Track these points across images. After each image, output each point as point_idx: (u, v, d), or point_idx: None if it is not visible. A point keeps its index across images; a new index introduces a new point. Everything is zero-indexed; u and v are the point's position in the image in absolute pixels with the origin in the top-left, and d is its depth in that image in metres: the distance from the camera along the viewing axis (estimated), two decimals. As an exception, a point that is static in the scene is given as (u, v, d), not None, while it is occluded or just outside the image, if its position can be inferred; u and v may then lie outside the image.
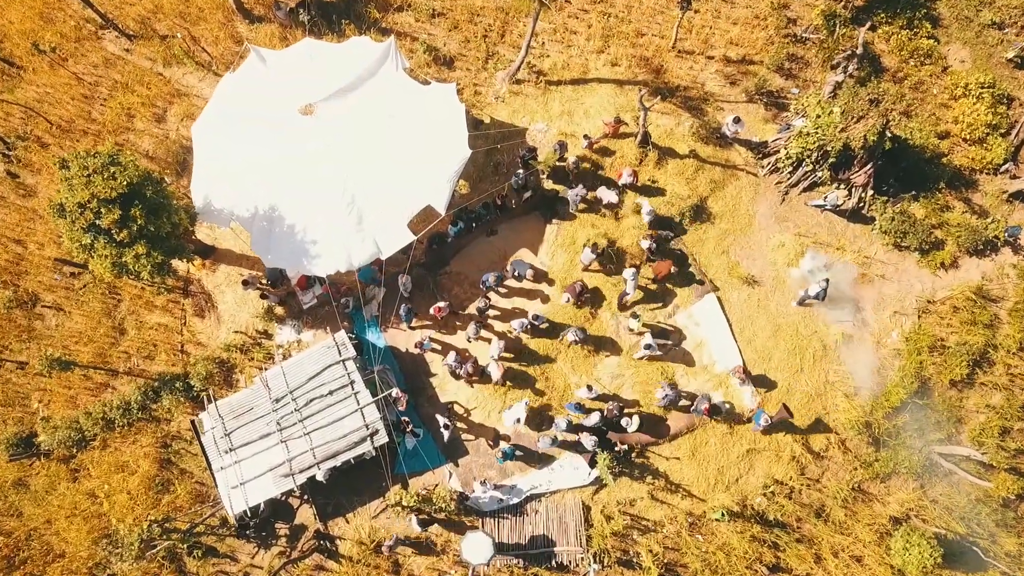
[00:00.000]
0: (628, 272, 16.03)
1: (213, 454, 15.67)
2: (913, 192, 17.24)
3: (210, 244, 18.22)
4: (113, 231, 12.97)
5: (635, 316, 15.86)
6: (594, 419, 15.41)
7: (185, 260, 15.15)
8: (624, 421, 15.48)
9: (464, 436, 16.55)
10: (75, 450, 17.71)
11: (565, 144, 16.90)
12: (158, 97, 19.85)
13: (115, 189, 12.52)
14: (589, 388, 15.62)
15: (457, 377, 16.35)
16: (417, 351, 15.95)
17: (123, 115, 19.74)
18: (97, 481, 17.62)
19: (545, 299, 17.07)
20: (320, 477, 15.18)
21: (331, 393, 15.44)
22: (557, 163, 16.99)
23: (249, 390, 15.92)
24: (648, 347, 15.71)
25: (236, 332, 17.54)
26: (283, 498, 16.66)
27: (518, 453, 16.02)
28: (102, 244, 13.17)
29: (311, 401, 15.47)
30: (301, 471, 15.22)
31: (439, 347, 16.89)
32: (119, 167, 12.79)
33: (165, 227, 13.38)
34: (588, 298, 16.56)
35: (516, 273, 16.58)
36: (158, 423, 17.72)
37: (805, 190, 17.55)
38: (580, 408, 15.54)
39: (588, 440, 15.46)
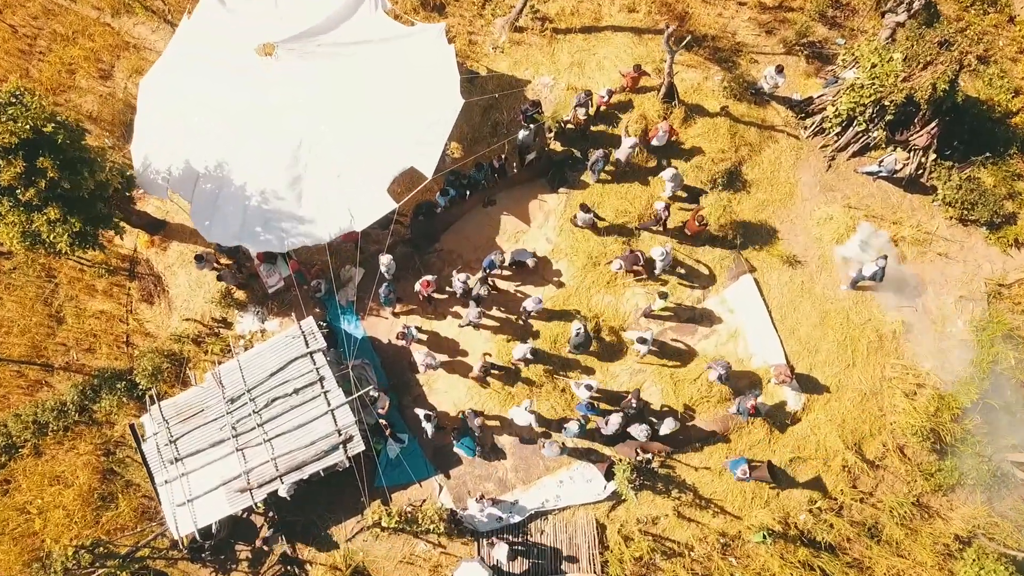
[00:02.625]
0: (657, 251, 13.43)
1: (156, 465, 13.12)
2: (982, 157, 14.71)
3: (160, 218, 15.63)
4: (18, 189, 10.38)
5: (662, 295, 13.31)
6: (614, 424, 12.88)
7: (114, 232, 12.54)
8: (659, 423, 13.01)
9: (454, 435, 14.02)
10: (3, 458, 15.20)
11: (590, 94, 14.18)
12: (104, 50, 17.20)
13: (15, 134, 9.92)
14: (588, 387, 13.07)
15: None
16: (401, 343, 13.44)
17: (64, 71, 17.10)
18: (29, 495, 15.11)
19: (558, 284, 14.53)
20: (283, 492, 12.65)
21: (296, 392, 12.89)
22: (566, 122, 14.39)
23: (199, 388, 13.36)
24: (643, 341, 13.22)
25: (188, 320, 14.97)
26: (243, 515, 14.15)
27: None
28: (5, 206, 10.59)
29: (273, 402, 12.92)
30: (260, 485, 12.69)
31: (425, 337, 14.36)
32: (20, 107, 10.19)
33: (85, 186, 10.77)
34: (641, 269, 13.99)
35: (516, 261, 14.02)
36: (99, 427, 15.18)
37: (855, 154, 15.01)
38: (594, 409, 13.01)
39: (640, 431, 12.88)
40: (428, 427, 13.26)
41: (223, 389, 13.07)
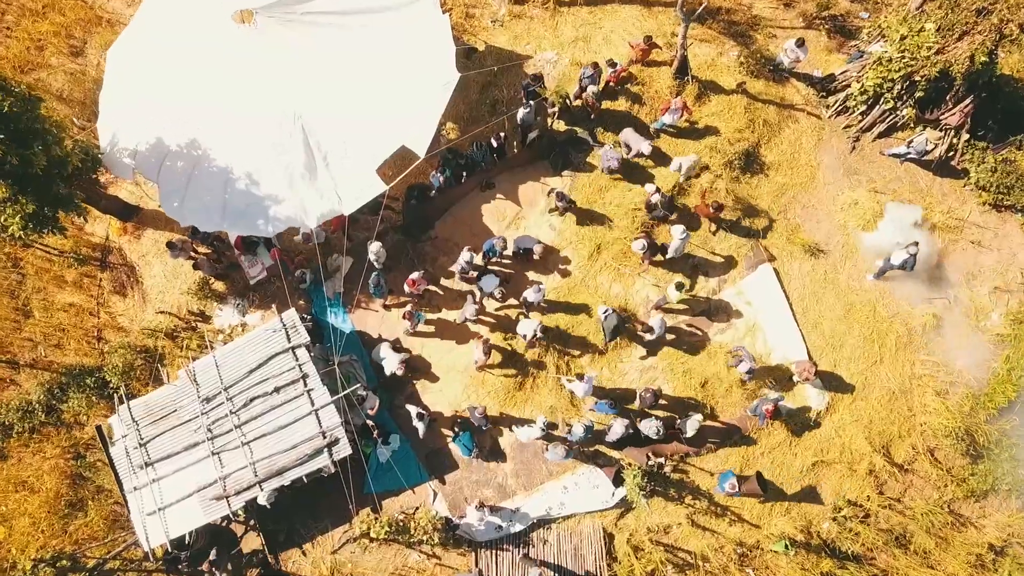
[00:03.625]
0: (677, 229, 12.36)
1: (124, 470, 12.04)
2: (1019, 137, 13.66)
3: (133, 203, 14.53)
4: (-40, 165, 9.31)
5: (679, 286, 12.26)
6: (618, 431, 11.81)
7: (76, 215, 11.44)
8: (681, 422, 11.99)
9: (449, 438, 12.99)
10: (-34, 462, 14.12)
11: (598, 67, 13.10)
12: (76, 25, 16.11)
13: (-45, 101, 8.84)
14: (580, 377, 12.00)
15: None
16: (406, 322, 12.36)
17: (32, 48, 15.99)
18: (-7, 501, 14.04)
19: (564, 273, 13.48)
20: (263, 500, 11.59)
21: (277, 391, 11.82)
22: (571, 99, 13.31)
23: (172, 387, 12.28)
24: (649, 331, 12.21)
25: (162, 313, 13.88)
26: (223, 523, 13.08)
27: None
28: (-52, 185, 9.51)
29: (252, 401, 11.85)
30: (238, 493, 11.62)
31: (433, 326, 13.28)
32: (-40, 72, 9.11)
33: (37, 162, 9.68)
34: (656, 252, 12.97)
35: (521, 251, 12.97)
36: (68, 429, 14.11)
37: (881, 135, 13.96)
38: (614, 407, 11.93)
39: (651, 426, 11.82)
40: (420, 426, 12.21)
41: (198, 387, 12.00)
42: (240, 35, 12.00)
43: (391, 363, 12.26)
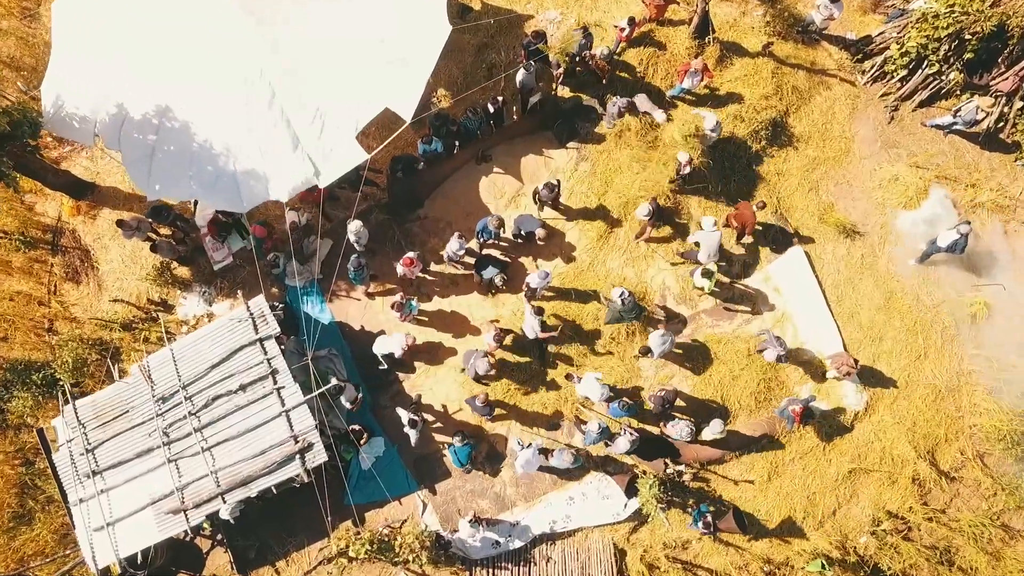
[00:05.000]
0: (707, 221, 10.89)
1: (69, 479, 10.56)
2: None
3: (88, 179, 13.03)
4: None
5: (707, 274, 10.81)
6: (624, 444, 10.34)
7: (6, 185, 9.95)
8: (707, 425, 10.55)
9: (441, 442, 11.56)
10: (-98, 468, 12.63)
11: (590, 35, 11.70)
12: (28, -15, 14.59)
13: None
14: (570, 377, 10.69)
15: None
16: (396, 313, 10.92)
17: (-20, 10, 14.48)
18: (-68, 512, 12.54)
19: (567, 259, 12.03)
20: (225, 514, 10.12)
21: (243, 389, 10.35)
22: (577, 61, 11.83)
23: (123, 384, 10.79)
24: (647, 352, 10.63)
25: (117, 301, 12.39)
26: (187, 538, 11.61)
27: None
28: None
29: (214, 401, 10.38)
30: (197, 505, 10.15)
31: (426, 316, 11.82)
32: None
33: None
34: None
35: (522, 232, 11.50)
36: (16, 432, 12.62)
37: (922, 104, 12.53)
38: (630, 409, 10.45)
39: (680, 428, 10.31)
40: (412, 433, 10.74)
41: (152, 385, 10.52)
42: (200, -17, 10.47)
43: (392, 343, 10.79)
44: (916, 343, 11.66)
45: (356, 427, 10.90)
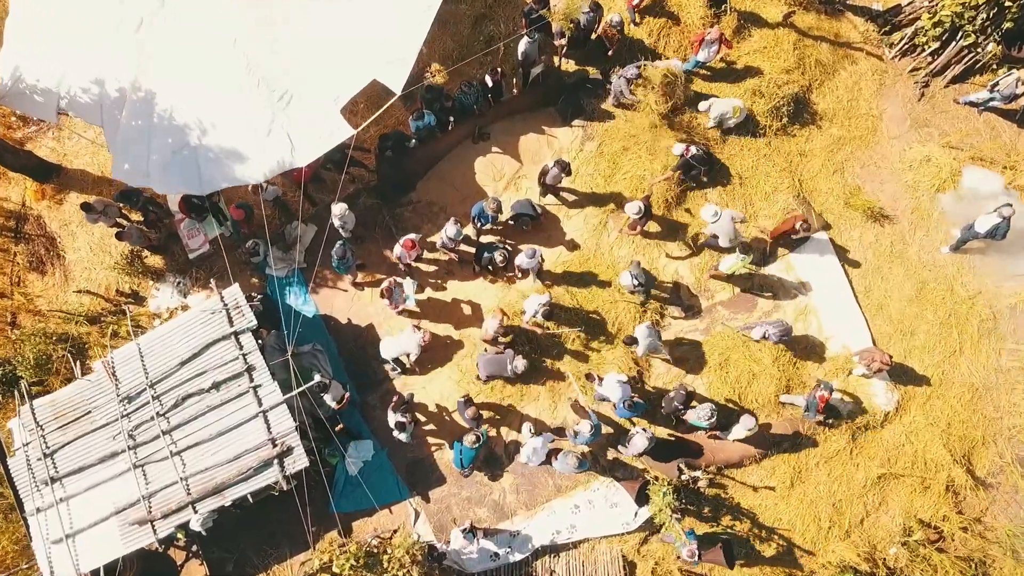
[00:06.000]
0: (707, 212, 9.96)
1: (25, 487, 9.61)
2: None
3: (54, 162, 12.08)
4: None
5: (744, 248, 9.81)
6: (640, 443, 9.43)
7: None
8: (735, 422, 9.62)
9: (434, 445, 10.64)
10: None
11: (599, 5, 10.74)
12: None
13: None
14: (591, 377, 9.76)
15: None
16: (385, 302, 10.00)
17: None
18: None
19: (572, 245, 11.07)
20: (196, 525, 9.18)
21: (216, 387, 9.41)
22: (583, 28, 10.86)
23: (85, 382, 9.85)
24: (632, 341, 9.73)
25: (83, 292, 11.45)
26: (160, 548, 10.69)
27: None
28: None
29: (184, 401, 9.44)
30: (166, 516, 9.21)
31: (419, 307, 10.87)
32: None
33: None
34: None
35: (525, 218, 10.51)
36: (-24, 433, 11.68)
37: (955, 80, 11.60)
38: (635, 408, 9.48)
39: (702, 413, 9.36)
40: (403, 436, 9.81)
41: (117, 383, 9.58)
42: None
43: (406, 343, 9.88)
44: (951, 337, 10.74)
45: (338, 422, 9.93)
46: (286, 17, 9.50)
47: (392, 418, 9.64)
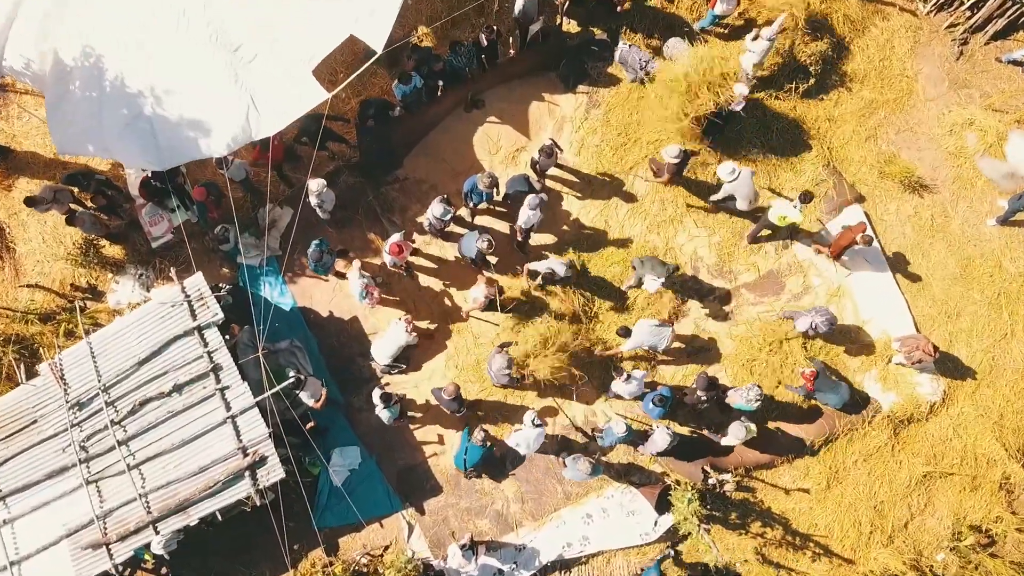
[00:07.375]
0: (724, 169, 8.86)
1: (-37, 508, 8.48)
2: None
3: (1, 143, 10.89)
4: None
5: (805, 196, 8.54)
6: (661, 439, 8.33)
7: None
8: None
9: (428, 450, 9.52)
10: None
11: None
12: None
13: None
14: (622, 374, 8.63)
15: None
16: (364, 301, 8.91)
17: None
18: None
19: (577, 227, 9.94)
20: (159, 547, 8.05)
21: (179, 390, 8.28)
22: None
23: (28, 387, 8.69)
24: (625, 333, 8.68)
25: (33, 287, 10.28)
26: (123, 572, 9.54)
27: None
28: None
29: (142, 406, 8.30)
30: (123, 538, 8.08)
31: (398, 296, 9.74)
32: None
33: None
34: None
35: (510, 194, 9.40)
36: (-80, 445, 10.50)
37: (996, 36, 10.54)
38: (664, 404, 8.38)
39: (746, 395, 8.40)
40: (387, 414, 8.59)
41: (65, 388, 8.43)
42: None
43: (398, 337, 8.79)
44: (1000, 319, 9.69)
45: (311, 424, 8.77)
46: (250, -32, 8.35)
47: (376, 393, 8.48)
